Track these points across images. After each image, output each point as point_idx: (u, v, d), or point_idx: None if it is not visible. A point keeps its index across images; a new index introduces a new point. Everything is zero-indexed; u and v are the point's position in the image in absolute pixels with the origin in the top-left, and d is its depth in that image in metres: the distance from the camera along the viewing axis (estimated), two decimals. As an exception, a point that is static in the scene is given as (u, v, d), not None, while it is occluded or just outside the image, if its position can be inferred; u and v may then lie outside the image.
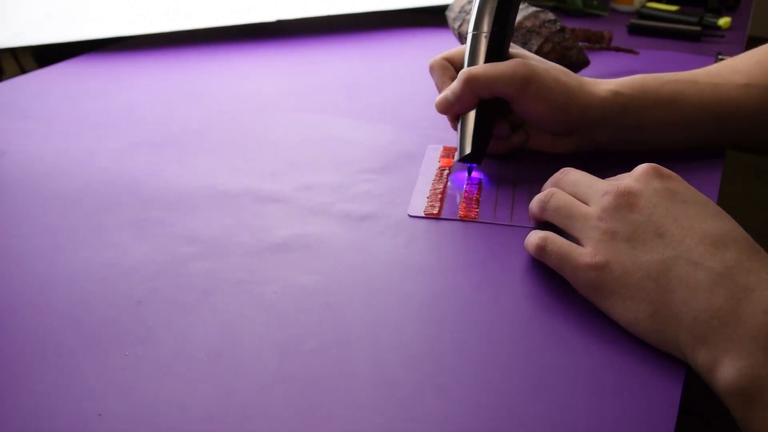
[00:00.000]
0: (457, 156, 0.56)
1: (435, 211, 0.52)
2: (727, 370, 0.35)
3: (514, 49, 0.58)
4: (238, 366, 0.38)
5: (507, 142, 0.59)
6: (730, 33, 0.98)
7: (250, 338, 0.39)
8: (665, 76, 0.58)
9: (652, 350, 0.38)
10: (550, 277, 0.45)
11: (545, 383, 0.37)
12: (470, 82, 0.54)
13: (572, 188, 0.45)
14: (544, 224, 0.47)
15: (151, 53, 0.87)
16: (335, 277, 0.45)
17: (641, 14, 1.05)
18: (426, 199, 0.54)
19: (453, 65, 0.59)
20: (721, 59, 0.84)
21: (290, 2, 0.95)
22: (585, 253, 0.41)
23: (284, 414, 0.35)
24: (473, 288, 0.44)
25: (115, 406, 0.35)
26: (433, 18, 1.00)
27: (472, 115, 0.55)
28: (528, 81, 0.53)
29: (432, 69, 0.59)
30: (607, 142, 0.58)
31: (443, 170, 0.58)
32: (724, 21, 0.98)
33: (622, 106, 0.56)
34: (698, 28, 0.95)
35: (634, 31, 0.97)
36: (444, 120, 0.68)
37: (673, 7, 1.05)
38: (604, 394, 0.36)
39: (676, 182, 0.43)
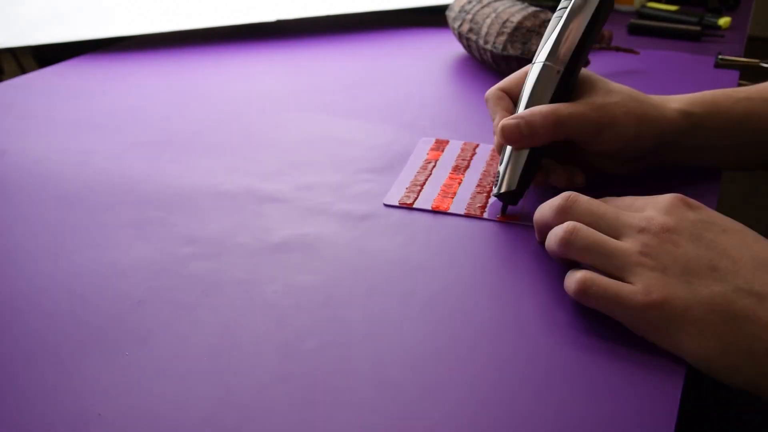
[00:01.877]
0: (494, 190, 0.51)
1: (409, 201, 0.53)
2: None
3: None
4: (238, 366, 0.38)
5: (567, 181, 0.53)
6: (730, 33, 0.98)
7: (250, 338, 0.40)
8: (737, 93, 0.56)
9: (652, 351, 0.38)
10: (551, 276, 0.45)
11: (545, 383, 0.37)
12: (558, 125, 0.49)
13: (590, 219, 0.42)
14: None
15: (151, 53, 0.87)
16: (335, 277, 0.45)
17: (641, 14, 1.05)
18: (404, 189, 0.54)
19: (509, 95, 0.55)
20: (721, 59, 0.84)
21: (290, 2, 0.95)
22: (637, 291, 0.38)
23: (284, 414, 0.35)
24: (473, 287, 0.44)
25: (115, 406, 0.35)
26: (433, 18, 1.00)
27: (525, 153, 0.51)
28: (605, 128, 0.50)
29: (487, 100, 0.55)
30: (675, 161, 0.55)
31: (429, 163, 0.59)
32: (724, 21, 0.98)
33: (692, 126, 0.53)
34: (698, 28, 0.95)
35: (634, 31, 0.97)
36: (443, 119, 0.68)
37: (673, 7, 1.05)
38: (604, 394, 0.36)
39: (706, 211, 0.42)
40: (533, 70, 0.52)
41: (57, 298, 0.43)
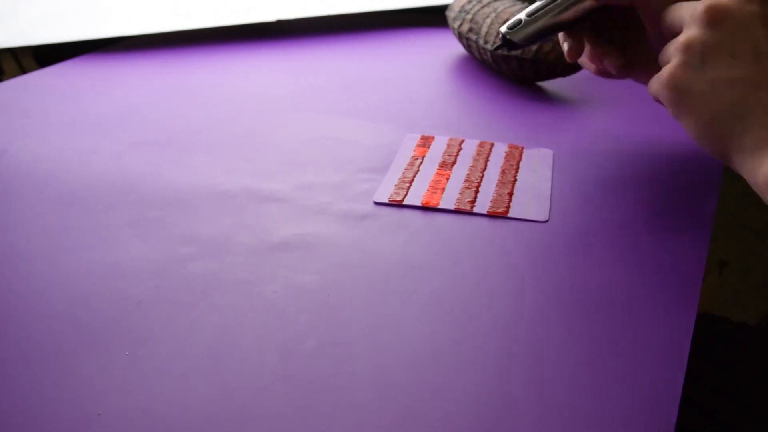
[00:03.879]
0: (503, 28, 0.56)
1: (399, 198, 0.53)
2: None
3: None
4: (238, 366, 0.38)
5: (599, 65, 0.55)
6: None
7: (250, 338, 0.40)
8: None
9: (653, 351, 0.38)
10: (551, 274, 0.45)
11: (544, 382, 0.37)
12: None
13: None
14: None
15: (151, 53, 0.87)
16: (335, 277, 0.45)
17: (641, 14, 1.04)
18: (393, 187, 0.55)
19: None
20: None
21: (290, 2, 0.95)
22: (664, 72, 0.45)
23: (284, 414, 0.35)
24: (473, 286, 0.44)
25: (115, 406, 0.35)
26: (433, 18, 1.00)
27: (544, 19, 0.53)
28: None
29: None
30: None
31: (416, 159, 0.59)
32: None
33: None
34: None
35: (634, 30, 0.97)
36: (443, 119, 0.68)
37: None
38: (605, 393, 0.36)
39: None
40: None
41: (56, 298, 0.43)
